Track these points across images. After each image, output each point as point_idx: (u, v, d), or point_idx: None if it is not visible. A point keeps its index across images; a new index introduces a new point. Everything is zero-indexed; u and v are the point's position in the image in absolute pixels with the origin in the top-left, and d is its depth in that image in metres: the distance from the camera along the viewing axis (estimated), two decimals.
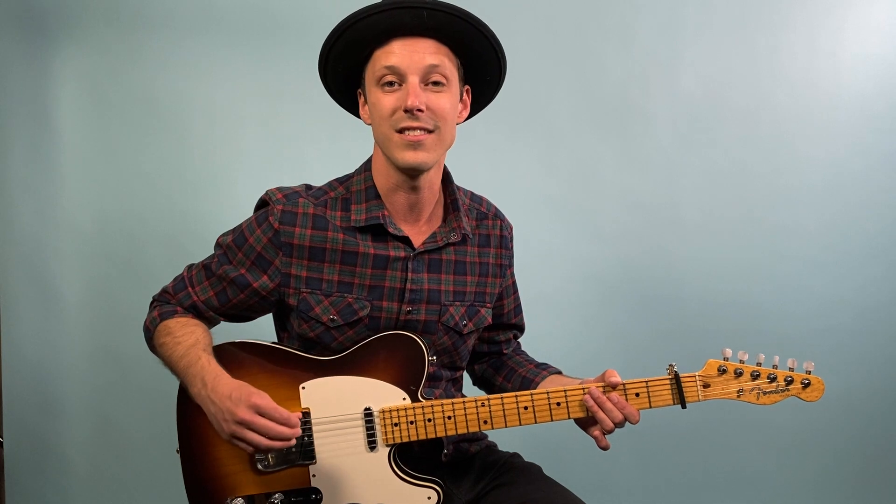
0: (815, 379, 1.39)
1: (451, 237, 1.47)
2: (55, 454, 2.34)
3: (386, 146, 1.38)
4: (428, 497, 1.37)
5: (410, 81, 1.34)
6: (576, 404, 1.38)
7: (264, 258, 1.42)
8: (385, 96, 1.36)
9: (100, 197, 2.33)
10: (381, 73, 1.36)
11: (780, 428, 2.48)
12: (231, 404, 1.26)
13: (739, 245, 2.48)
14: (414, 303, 1.45)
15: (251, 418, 1.25)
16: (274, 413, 1.26)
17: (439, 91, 1.36)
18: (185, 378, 1.37)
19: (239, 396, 1.26)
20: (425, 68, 1.35)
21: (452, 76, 1.39)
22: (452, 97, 1.39)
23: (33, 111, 2.30)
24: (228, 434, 1.28)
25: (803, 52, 2.49)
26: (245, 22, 2.34)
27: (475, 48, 1.40)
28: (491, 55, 1.43)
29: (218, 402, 1.28)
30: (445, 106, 1.36)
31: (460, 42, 1.39)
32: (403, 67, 1.34)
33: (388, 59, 1.35)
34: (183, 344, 1.39)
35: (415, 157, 1.35)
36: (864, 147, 2.49)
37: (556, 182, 2.45)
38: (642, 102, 2.47)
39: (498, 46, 1.42)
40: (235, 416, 1.26)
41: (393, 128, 1.35)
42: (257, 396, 1.26)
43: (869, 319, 2.51)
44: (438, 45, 1.37)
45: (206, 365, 1.33)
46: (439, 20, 1.35)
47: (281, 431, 1.26)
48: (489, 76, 1.47)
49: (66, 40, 2.31)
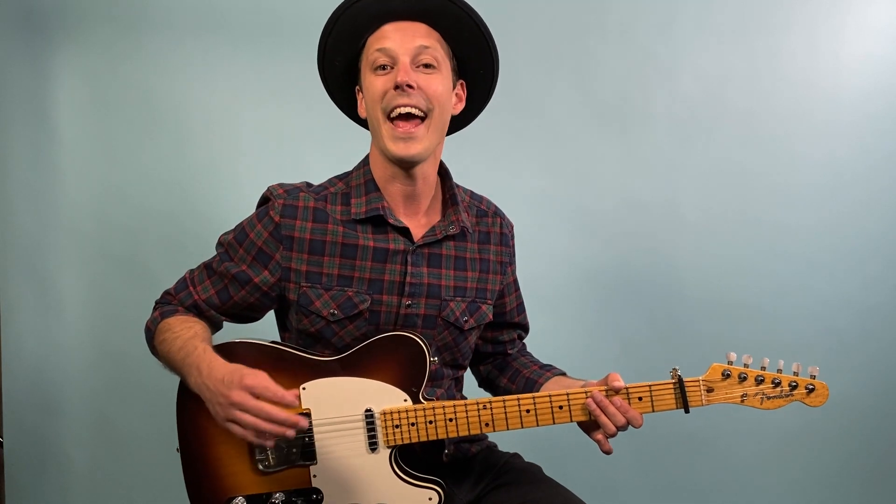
0: (820, 384, 1.38)
1: (449, 230, 1.47)
2: (55, 454, 2.34)
3: (377, 137, 1.40)
4: (429, 498, 1.37)
5: (402, 61, 1.36)
6: (578, 407, 1.38)
7: (265, 253, 1.42)
8: (377, 79, 1.38)
9: (100, 197, 2.33)
10: (374, 56, 1.38)
11: (782, 430, 2.47)
12: (224, 388, 1.23)
13: (739, 245, 2.48)
14: (414, 296, 1.45)
15: (243, 399, 1.21)
16: (267, 392, 1.21)
17: (430, 73, 1.38)
18: (182, 370, 1.35)
19: (231, 379, 1.23)
20: (416, 49, 1.37)
21: (444, 61, 1.41)
22: (444, 80, 1.40)
23: (33, 111, 2.30)
24: (224, 418, 1.24)
25: (803, 53, 2.48)
26: (245, 22, 2.34)
27: (465, 36, 1.43)
28: (482, 44, 1.45)
29: (212, 386, 1.26)
30: (438, 88, 1.38)
31: (451, 28, 1.41)
32: (394, 48, 1.37)
33: (379, 43, 1.38)
34: (181, 337, 1.38)
35: (406, 150, 1.37)
36: (864, 147, 2.49)
37: (556, 182, 2.45)
38: (642, 102, 2.47)
39: (488, 34, 1.44)
40: (229, 398, 1.22)
41: (385, 111, 1.37)
42: (250, 377, 1.22)
43: (869, 319, 2.50)
44: (429, 30, 1.40)
45: (202, 354, 1.32)
46: (428, 3, 1.38)
47: (276, 413, 1.21)
48: (482, 69, 1.48)
49: (66, 40, 2.30)
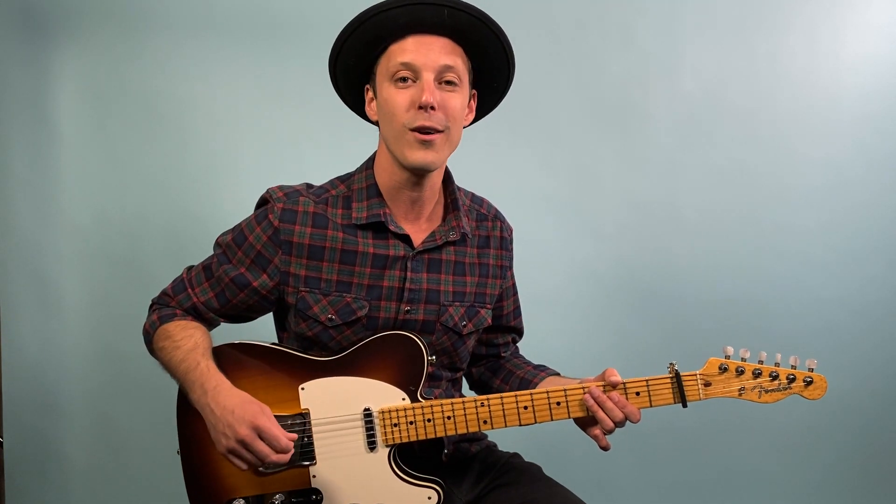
0: (818, 377, 1.38)
1: (449, 235, 1.47)
2: (55, 454, 2.34)
3: (396, 143, 1.37)
4: (428, 497, 1.37)
5: (426, 78, 1.34)
6: (576, 404, 1.38)
7: (263, 256, 1.42)
8: (399, 92, 1.35)
9: (100, 197, 2.32)
10: (396, 68, 1.35)
11: (781, 427, 2.48)
12: (233, 420, 1.25)
13: (739, 245, 2.48)
14: (413, 302, 1.45)
15: (252, 442, 1.25)
16: (273, 442, 1.25)
17: (452, 91, 1.36)
18: (184, 383, 1.37)
19: (242, 415, 1.25)
20: (440, 67, 1.35)
21: (464, 78, 1.39)
22: (463, 98, 1.39)
23: (33, 111, 2.30)
24: (225, 449, 1.28)
25: (803, 53, 2.48)
26: (245, 22, 2.34)
27: (489, 54, 1.41)
28: (502, 63, 1.43)
29: (219, 414, 1.27)
30: (456, 106, 1.37)
31: (475, 46, 1.39)
32: (419, 64, 1.34)
33: (403, 56, 1.35)
34: (182, 348, 1.38)
35: (424, 157, 1.35)
36: (864, 147, 2.49)
37: (556, 182, 2.45)
38: (642, 102, 2.47)
39: (511, 56, 1.42)
40: (237, 434, 1.25)
41: (407, 126, 1.34)
42: (262, 418, 1.26)
43: (869, 319, 2.50)
44: (454, 46, 1.37)
45: (206, 371, 1.32)
46: (459, 20, 1.35)
47: (276, 460, 1.27)
48: (496, 83, 1.47)
49: (66, 40, 2.30)
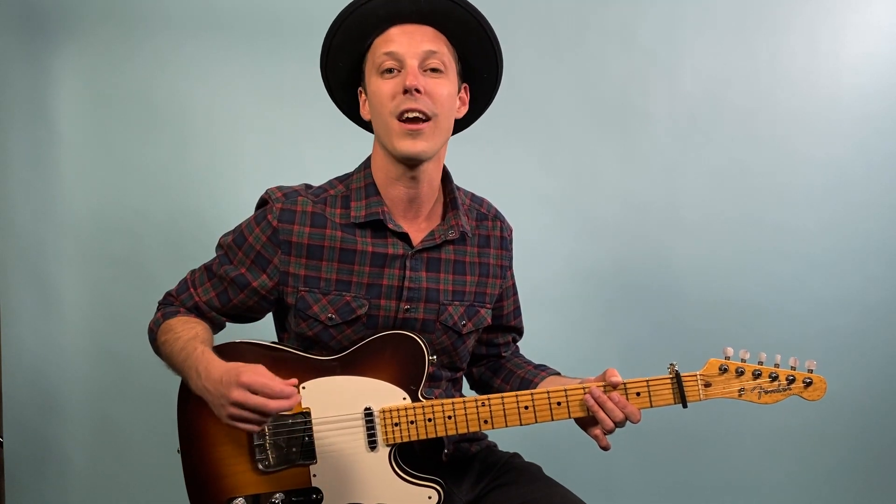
0: (817, 378, 1.39)
1: (448, 234, 1.47)
2: (55, 454, 2.34)
3: (385, 135, 1.38)
4: (428, 497, 1.37)
5: (409, 64, 1.36)
6: (576, 404, 1.38)
7: (263, 256, 1.42)
8: (385, 83, 1.37)
9: (100, 197, 2.32)
10: (381, 59, 1.38)
11: (781, 428, 2.48)
12: (223, 387, 1.23)
13: (739, 245, 2.48)
14: (412, 301, 1.45)
15: (245, 399, 1.21)
16: (265, 389, 1.21)
17: (437, 77, 1.38)
18: (183, 371, 1.36)
19: (229, 379, 1.23)
20: (423, 53, 1.37)
21: (450, 65, 1.40)
22: (450, 85, 1.40)
23: (33, 111, 2.30)
24: (226, 417, 1.24)
25: (803, 53, 2.48)
26: (245, 22, 2.34)
27: (472, 40, 1.42)
28: (488, 48, 1.44)
29: (212, 388, 1.26)
30: (443, 92, 1.38)
31: (458, 33, 1.41)
32: (402, 52, 1.36)
33: (387, 46, 1.37)
34: (182, 338, 1.38)
35: (413, 147, 1.36)
36: (864, 147, 2.49)
37: (555, 182, 2.45)
38: (642, 102, 2.47)
39: (494, 39, 1.44)
40: (229, 397, 1.22)
41: (393, 114, 1.35)
42: (246, 374, 1.22)
43: (869, 319, 2.50)
44: (436, 33, 1.40)
45: (201, 355, 1.31)
46: (437, 6, 1.38)
47: (277, 406, 1.21)
48: (486, 72, 1.48)
49: (66, 40, 2.30)
